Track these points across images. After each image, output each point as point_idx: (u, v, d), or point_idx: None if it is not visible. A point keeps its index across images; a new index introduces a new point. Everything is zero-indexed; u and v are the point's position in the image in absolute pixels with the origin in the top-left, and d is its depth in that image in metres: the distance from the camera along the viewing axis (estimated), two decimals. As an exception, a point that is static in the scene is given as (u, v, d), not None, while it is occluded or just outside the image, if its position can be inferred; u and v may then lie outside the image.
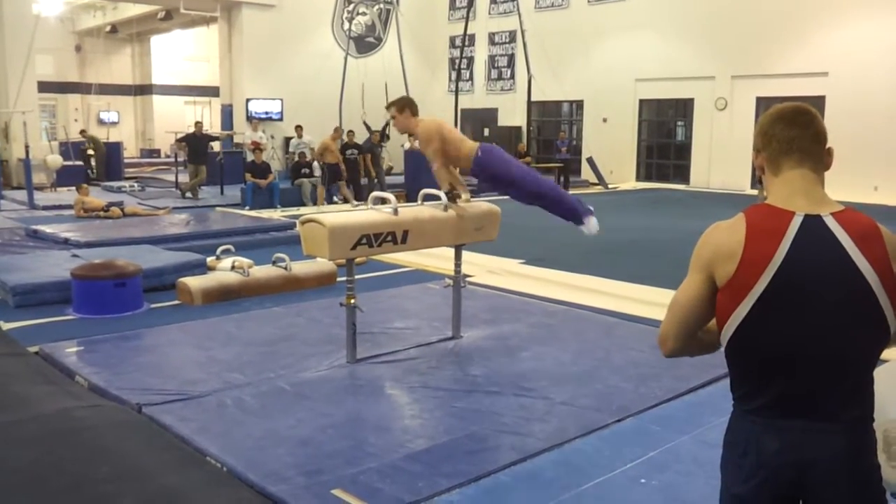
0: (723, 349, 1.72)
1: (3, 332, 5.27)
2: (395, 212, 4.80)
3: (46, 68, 23.86)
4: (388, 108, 5.19)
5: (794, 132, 1.70)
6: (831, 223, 1.63)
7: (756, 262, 1.60)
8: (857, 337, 1.62)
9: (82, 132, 20.29)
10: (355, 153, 15.24)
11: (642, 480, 3.30)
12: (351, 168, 14.98)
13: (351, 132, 16.16)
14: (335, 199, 15.09)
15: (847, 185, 10.31)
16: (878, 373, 1.73)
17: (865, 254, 1.59)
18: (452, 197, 5.10)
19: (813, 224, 1.62)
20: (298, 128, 16.96)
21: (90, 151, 19.01)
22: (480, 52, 22.74)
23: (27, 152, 13.79)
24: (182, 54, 28.26)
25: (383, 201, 4.99)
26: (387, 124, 18.78)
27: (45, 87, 20.88)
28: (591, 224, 5.31)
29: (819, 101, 15.25)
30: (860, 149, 14.57)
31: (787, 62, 16.32)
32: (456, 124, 19.68)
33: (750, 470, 1.66)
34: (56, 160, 16.61)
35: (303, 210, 12.83)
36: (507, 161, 5.22)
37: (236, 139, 18.89)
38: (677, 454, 3.58)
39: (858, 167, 14.22)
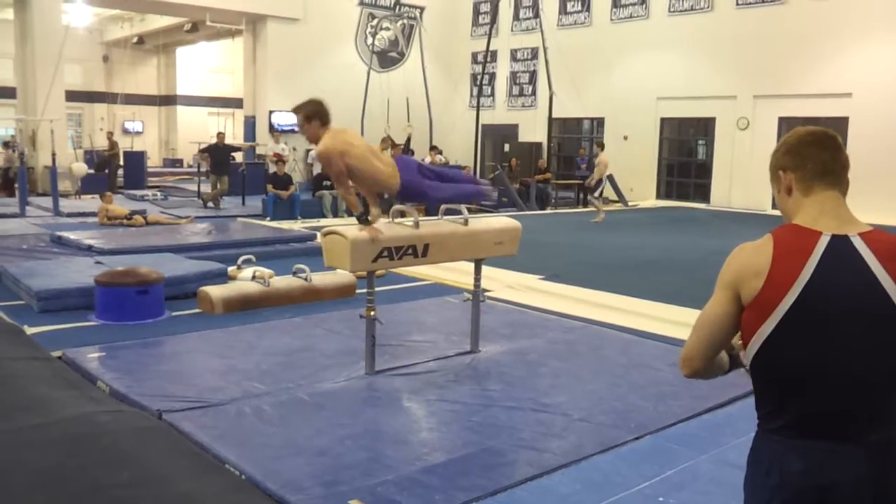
0: (747, 367, 1.71)
1: (27, 337, 5.33)
2: (417, 225, 4.82)
3: (74, 78, 24.25)
4: (294, 111, 4.73)
5: (826, 155, 1.73)
6: (858, 243, 1.63)
7: (782, 281, 1.61)
8: (883, 358, 1.61)
9: (109, 134, 20.58)
10: None
11: (660, 499, 3.28)
12: None
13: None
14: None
15: (869, 206, 10.20)
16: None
17: (892, 274, 1.59)
18: (365, 219, 4.66)
19: (840, 244, 1.63)
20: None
21: (114, 157, 19.29)
22: (502, 69, 22.81)
23: (53, 160, 13.97)
24: (207, 66, 28.62)
25: (403, 214, 5.02)
26: (409, 139, 18.92)
27: (72, 96, 21.19)
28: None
29: (842, 123, 15.15)
30: (883, 170, 14.44)
31: (811, 82, 16.23)
32: (476, 139, 19.71)
33: (773, 490, 1.65)
34: (81, 168, 16.85)
35: (323, 222, 12.89)
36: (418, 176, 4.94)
37: (258, 150, 19.05)
38: (696, 473, 3.55)
39: (881, 188, 14.08)
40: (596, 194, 14.44)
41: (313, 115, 4.66)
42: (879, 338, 1.59)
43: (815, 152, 1.73)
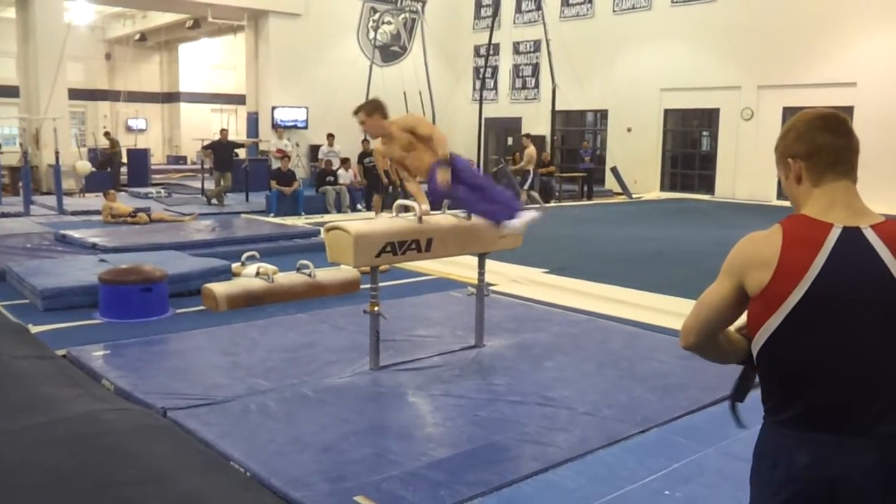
0: (754, 358, 1.69)
1: (32, 336, 5.34)
2: (420, 220, 4.81)
3: (77, 76, 24.24)
4: (355, 113, 4.87)
5: (840, 142, 1.67)
6: (870, 235, 1.59)
7: (791, 273, 1.57)
8: (893, 350, 1.58)
9: (106, 134, 20.63)
10: (373, 161, 15.28)
11: (666, 492, 3.27)
12: (369, 176, 15.00)
13: (366, 140, 16.17)
14: (359, 206, 15.16)
15: (875, 196, 10.13)
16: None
17: None
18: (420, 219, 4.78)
19: (851, 236, 1.59)
20: (330, 136, 17.07)
21: (115, 155, 19.30)
22: (505, 61, 22.76)
23: (57, 158, 13.98)
24: (209, 62, 28.59)
25: (407, 209, 5.00)
26: None
27: (75, 94, 21.19)
28: (523, 218, 4.84)
29: (847, 112, 14.95)
30: (889, 159, 14.37)
31: (815, 72, 16.15)
32: (480, 133, 19.67)
33: (780, 484, 1.63)
34: (85, 166, 16.85)
35: (327, 217, 12.89)
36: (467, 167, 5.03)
37: (262, 147, 19.04)
38: (702, 466, 3.54)
39: (887, 178, 14.01)
40: (525, 186, 14.49)
41: (374, 109, 4.87)
42: (891, 331, 1.57)
43: (828, 140, 1.66)
